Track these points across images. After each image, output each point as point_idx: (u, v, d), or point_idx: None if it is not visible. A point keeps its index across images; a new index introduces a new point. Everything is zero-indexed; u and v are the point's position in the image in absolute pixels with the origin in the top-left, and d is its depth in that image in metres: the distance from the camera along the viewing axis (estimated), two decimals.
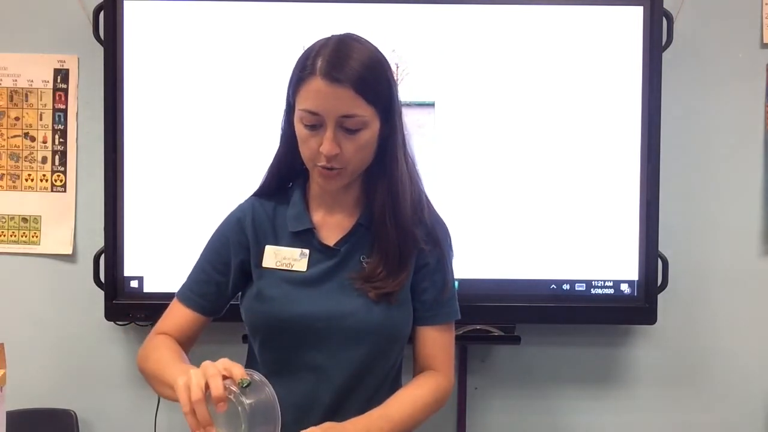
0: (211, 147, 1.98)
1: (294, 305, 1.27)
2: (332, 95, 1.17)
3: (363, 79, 1.18)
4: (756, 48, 2.12)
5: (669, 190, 2.06)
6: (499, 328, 2.00)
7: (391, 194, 1.27)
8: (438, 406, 1.32)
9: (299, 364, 1.28)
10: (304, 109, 1.20)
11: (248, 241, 1.32)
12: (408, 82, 1.98)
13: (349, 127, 1.20)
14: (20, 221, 2.11)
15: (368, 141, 1.22)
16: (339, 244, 1.30)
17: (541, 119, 2.00)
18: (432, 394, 1.30)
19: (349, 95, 1.17)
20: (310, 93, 1.19)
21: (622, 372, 2.18)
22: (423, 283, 1.31)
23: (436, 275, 1.32)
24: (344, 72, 1.17)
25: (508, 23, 1.99)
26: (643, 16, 1.98)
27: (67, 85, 2.10)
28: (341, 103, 1.18)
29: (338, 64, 1.17)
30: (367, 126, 1.21)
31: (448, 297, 1.34)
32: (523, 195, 2.00)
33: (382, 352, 1.30)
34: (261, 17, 1.97)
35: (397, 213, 1.27)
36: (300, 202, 1.32)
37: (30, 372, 2.09)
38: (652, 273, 2.01)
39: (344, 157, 1.21)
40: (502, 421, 2.19)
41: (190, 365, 1.19)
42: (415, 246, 1.29)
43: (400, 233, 1.27)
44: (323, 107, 1.18)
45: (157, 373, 1.22)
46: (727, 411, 2.18)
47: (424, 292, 1.32)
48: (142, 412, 2.13)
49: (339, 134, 1.20)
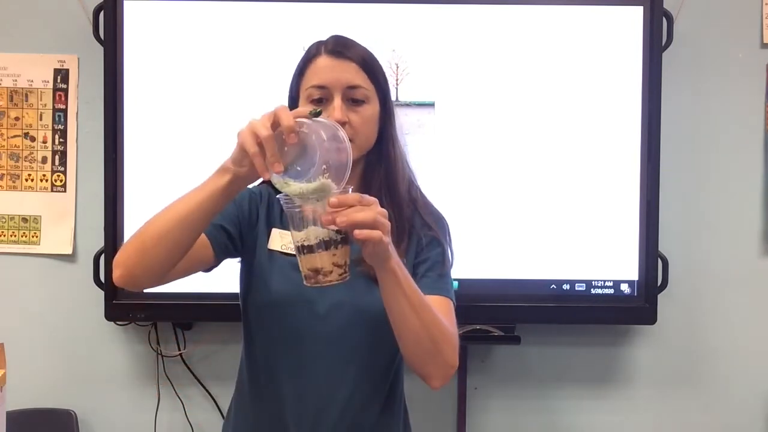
0: (211, 147, 1.98)
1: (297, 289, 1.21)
2: (338, 67, 1.24)
3: (365, 59, 1.27)
4: (756, 48, 2.12)
5: (669, 190, 2.06)
6: (499, 328, 1.99)
7: (386, 174, 1.30)
8: (448, 336, 1.20)
9: (301, 349, 1.27)
10: (311, 86, 1.25)
11: (257, 218, 1.33)
12: (408, 82, 1.98)
13: (355, 97, 1.25)
14: (20, 221, 2.11)
15: (372, 116, 1.27)
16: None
17: (542, 119, 2.00)
18: (446, 320, 1.22)
19: (354, 68, 1.25)
20: (316, 69, 1.26)
21: (622, 372, 2.18)
22: (420, 257, 1.31)
23: (430, 251, 1.31)
24: (349, 50, 1.26)
25: (508, 23, 1.99)
26: (643, 16, 1.98)
27: (67, 85, 2.10)
28: (347, 75, 1.24)
29: (343, 44, 1.27)
30: (370, 101, 1.27)
31: (442, 274, 1.30)
32: (523, 195, 2.00)
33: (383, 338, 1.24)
34: (261, 17, 1.97)
35: (393, 191, 1.30)
36: None
37: (30, 372, 2.09)
38: (652, 273, 2.01)
39: (352, 128, 1.23)
40: (502, 421, 2.19)
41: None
42: (409, 221, 1.30)
43: (396, 209, 1.28)
44: (330, 79, 1.24)
45: (168, 207, 1.15)
46: (727, 411, 2.18)
47: (418, 265, 1.30)
48: (142, 412, 2.13)
49: (346, 106, 1.24)
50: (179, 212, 1.13)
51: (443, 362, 1.20)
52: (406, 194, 1.33)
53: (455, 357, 1.21)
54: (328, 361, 1.27)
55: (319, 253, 1.07)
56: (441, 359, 1.19)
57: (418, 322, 1.15)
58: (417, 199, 1.35)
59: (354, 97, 1.25)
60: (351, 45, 1.28)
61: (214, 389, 2.14)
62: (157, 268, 1.15)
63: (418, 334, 1.17)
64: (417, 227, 1.32)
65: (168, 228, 1.13)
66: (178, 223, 1.12)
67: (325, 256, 1.07)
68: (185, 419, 2.14)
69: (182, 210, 1.13)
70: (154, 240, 1.13)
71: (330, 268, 1.08)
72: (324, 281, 1.08)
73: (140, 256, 1.14)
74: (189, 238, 1.14)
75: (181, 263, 1.17)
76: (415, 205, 1.34)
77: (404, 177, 1.33)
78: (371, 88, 1.27)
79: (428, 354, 1.19)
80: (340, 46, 1.26)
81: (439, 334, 1.18)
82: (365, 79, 1.26)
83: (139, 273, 1.15)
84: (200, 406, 2.15)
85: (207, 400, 2.14)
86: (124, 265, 1.15)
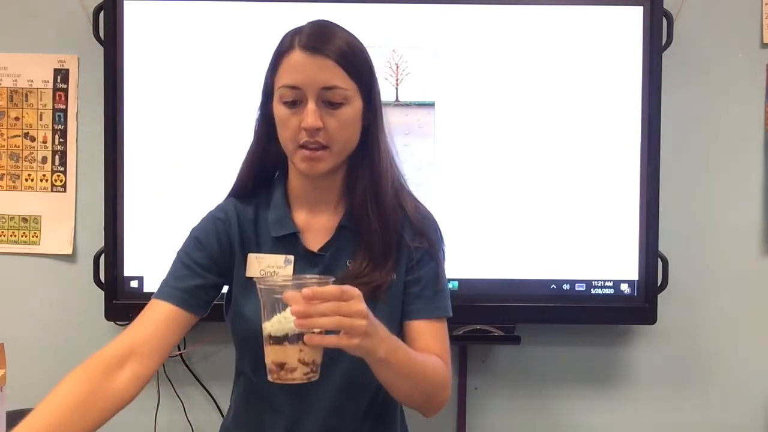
0: (211, 147, 1.98)
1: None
2: (313, 65, 1.13)
3: (344, 54, 1.15)
4: (756, 48, 2.12)
5: (669, 190, 2.06)
6: (499, 328, 1.99)
7: (372, 178, 1.21)
8: (439, 386, 1.20)
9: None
10: (283, 85, 1.15)
11: (231, 246, 1.24)
12: (408, 82, 1.98)
13: (331, 99, 1.14)
14: (20, 221, 2.11)
15: (351, 118, 1.17)
16: (324, 249, 1.24)
17: (542, 119, 2.00)
18: (440, 364, 1.20)
19: (330, 65, 1.14)
20: (289, 67, 1.15)
21: (622, 372, 2.18)
22: (411, 274, 1.24)
23: (423, 268, 1.24)
24: (325, 44, 1.14)
25: (508, 23, 1.99)
26: (643, 16, 1.98)
27: (67, 85, 2.10)
28: (322, 74, 1.13)
29: (319, 37, 1.15)
30: (350, 101, 1.16)
31: (438, 290, 1.25)
32: (523, 195, 2.00)
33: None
34: (261, 17, 1.97)
35: (378, 197, 1.21)
36: (282, 203, 1.25)
37: (30, 372, 2.08)
38: (652, 273, 2.00)
39: (328, 134, 1.15)
40: (502, 421, 2.18)
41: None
42: (397, 231, 1.23)
43: (382, 219, 1.21)
44: (303, 79, 1.14)
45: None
46: (727, 411, 2.18)
47: (411, 284, 1.24)
48: (142, 412, 2.13)
49: (321, 109, 1.14)
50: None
51: (435, 406, 1.22)
52: (393, 199, 1.24)
53: (447, 394, 1.22)
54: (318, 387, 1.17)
55: (283, 346, 0.99)
56: (433, 405, 1.22)
57: (411, 387, 1.16)
58: (405, 203, 1.26)
59: (330, 100, 1.14)
60: (328, 37, 1.15)
61: (214, 389, 2.14)
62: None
63: (411, 395, 1.18)
64: (407, 238, 1.24)
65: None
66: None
67: (290, 351, 0.99)
68: (185, 419, 2.14)
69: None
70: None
71: (294, 365, 1.00)
72: (287, 378, 1.00)
73: None
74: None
75: (169, 344, 1.18)
76: (404, 209, 1.25)
77: (390, 180, 1.24)
78: (351, 87, 1.16)
79: (420, 405, 1.21)
80: (315, 40, 1.14)
81: (431, 387, 1.18)
82: (344, 77, 1.15)
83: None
84: (200, 406, 2.15)
85: (207, 400, 2.14)
86: None
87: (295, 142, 1.17)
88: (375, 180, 1.22)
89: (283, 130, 1.18)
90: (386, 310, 1.21)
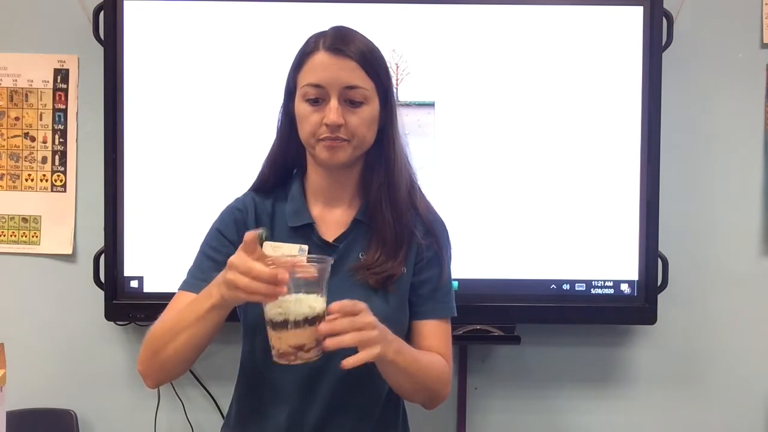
0: (211, 147, 1.99)
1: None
2: (336, 66, 1.21)
3: (365, 56, 1.22)
4: (756, 48, 2.12)
5: (669, 190, 2.06)
6: (499, 328, 2.00)
7: (387, 177, 1.27)
8: (441, 384, 1.28)
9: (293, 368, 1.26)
10: (307, 84, 1.22)
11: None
12: (408, 82, 1.98)
13: (352, 98, 1.21)
14: (20, 221, 2.11)
15: (370, 117, 1.24)
16: (338, 240, 1.29)
17: (542, 119, 2.00)
18: (442, 362, 1.28)
19: (352, 66, 1.21)
20: (313, 67, 1.22)
21: (622, 372, 2.18)
22: (420, 275, 1.30)
23: (433, 269, 1.31)
24: (348, 46, 1.22)
25: (508, 23, 1.99)
26: (643, 16, 1.98)
27: (67, 85, 2.10)
28: (345, 74, 1.21)
29: (342, 40, 1.23)
30: (369, 101, 1.23)
31: (445, 292, 1.32)
32: (523, 195, 2.00)
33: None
34: (261, 17, 1.97)
35: (393, 194, 1.27)
36: (299, 196, 1.31)
37: (30, 372, 2.09)
38: (652, 273, 2.01)
39: (348, 130, 1.22)
40: (502, 421, 2.19)
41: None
42: (409, 227, 1.29)
43: (396, 215, 1.27)
44: (327, 78, 1.20)
45: (179, 318, 1.17)
46: (727, 411, 2.18)
47: (421, 285, 1.30)
48: (142, 412, 2.13)
49: (343, 107, 1.21)
50: (187, 338, 1.16)
51: (436, 400, 1.30)
52: (407, 197, 1.30)
53: (448, 390, 1.30)
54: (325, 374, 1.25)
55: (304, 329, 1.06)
56: (435, 400, 1.29)
57: (415, 385, 1.23)
58: (418, 202, 1.32)
59: (352, 99, 1.22)
60: (351, 40, 1.23)
61: (214, 389, 2.14)
62: (185, 369, 1.22)
63: (415, 392, 1.26)
64: (418, 235, 1.30)
65: (181, 350, 1.17)
66: (190, 346, 1.17)
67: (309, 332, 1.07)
68: (185, 419, 2.14)
69: (189, 334, 1.15)
70: (174, 360, 1.18)
71: (313, 343, 1.07)
72: (305, 358, 1.08)
73: (166, 374, 1.22)
74: (203, 347, 1.18)
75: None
76: (416, 208, 1.31)
77: (405, 179, 1.30)
78: (371, 87, 1.23)
79: (422, 400, 1.29)
80: (339, 42, 1.22)
81: (434, 385, 1.26)
82: (364, 77, 1.22)
83: (171, 378, 1.25)
84: (200, 406, 2.15)
85: (207, 400, 2.14)
86: (155, 379, 1.23)
87: (316, 136, 1.23)
88: (390, 178, 1.28)
89: (305, 125, 1.24)
90: (396, 299, 1.28)
